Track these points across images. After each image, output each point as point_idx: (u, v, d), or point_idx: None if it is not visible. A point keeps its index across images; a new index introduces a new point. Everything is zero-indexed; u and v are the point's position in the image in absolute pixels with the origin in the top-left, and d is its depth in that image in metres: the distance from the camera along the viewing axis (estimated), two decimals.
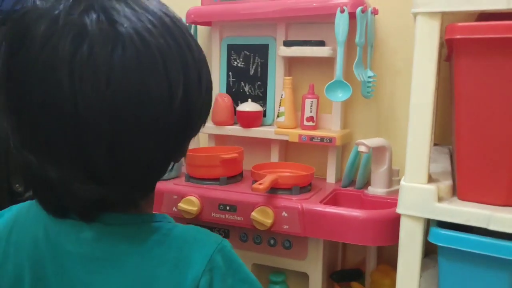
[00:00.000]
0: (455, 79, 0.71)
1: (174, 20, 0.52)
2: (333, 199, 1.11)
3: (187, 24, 1.28)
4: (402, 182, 0.74)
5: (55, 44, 0.44)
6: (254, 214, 1.00)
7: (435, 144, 1.15)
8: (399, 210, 0.75)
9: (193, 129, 0.55)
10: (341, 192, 1.14)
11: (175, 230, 0.55)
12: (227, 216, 1.05)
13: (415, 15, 0.71)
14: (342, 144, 1.19)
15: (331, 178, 1.22)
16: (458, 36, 0.68)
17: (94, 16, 0.45)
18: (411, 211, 0.73)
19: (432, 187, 0.72)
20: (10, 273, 0.55)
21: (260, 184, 0.99)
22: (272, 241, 1.07)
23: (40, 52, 0.44)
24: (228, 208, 1.05)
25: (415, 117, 0.72)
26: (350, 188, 1.15)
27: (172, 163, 0.56)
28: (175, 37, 0.50)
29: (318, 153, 1.25)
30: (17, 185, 1.26)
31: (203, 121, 0.57)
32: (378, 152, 1.06)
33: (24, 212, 0.58)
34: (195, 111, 0.53)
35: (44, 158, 0.47)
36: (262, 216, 1.00)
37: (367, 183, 1.13)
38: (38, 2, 0.47)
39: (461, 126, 0.72)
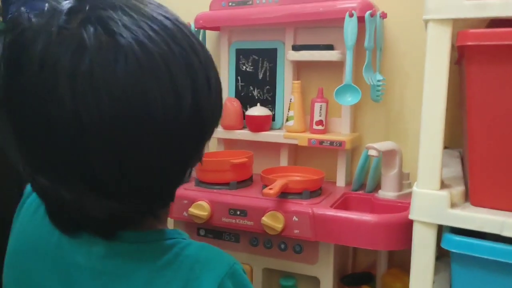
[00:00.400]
0: (467, 86, 0.71)
1: (175, 22, 0.49)
2: (344, 203, 1.11)
3: (195, 29, 1.29)
4: (414, 188, 0.74)
5: (54, 63, 0.43)
6: (265, 219, 1.00)
7: (445, 147, 1.15)
8: (412, 216, 0.75)
9: (207, 133, 0.53)
10: (351, 196, 1.15)
11: (188, 249, 0.54)
12: (237, 220, 1.06)
13: (426, 21, 0.71)
14: (352, 147, 1.19)
15: (341, 181, 1.22)
16: (470, 43, 0.68)
17: (91, 29, 0.43)
18: (424, 217, 0.73)
19: (444, 193, 0.72)
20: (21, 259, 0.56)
21: (270, 189, 1.00)
22: (282, 246, 1.07)
23: (39, 73, 0.43)
24: (238, 212, 1.05)
25: (427, 123, 0.73)
26: (360, 192, 1.15)
27: (189, 169, 0.54)
28: (178, 41, 0.47)
29: (327, 157, 1.25)
30: None
31: (216, 124, 0.55)
32: (388, 155, 1.06)
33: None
34: (207, 114, 0.51)
35: (56, 180, 0.46)
36: (273, 221, 1.00)
37: (377, 187, 1.13)
38: (33, 20, 0.45)
39: (473, 132, 0.72)
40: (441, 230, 0.75)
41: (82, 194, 0.46)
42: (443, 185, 0.75)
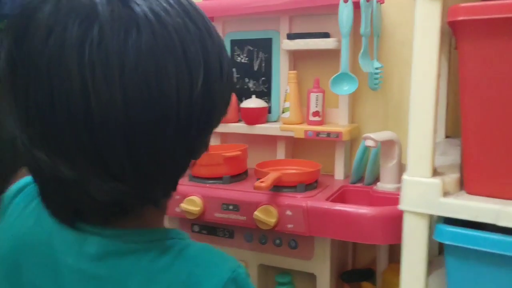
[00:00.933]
0: (459, 65, 0.66)
1: (191, 3, 0.48)
2: (341, 196, 1.06)
3: None
4: (404, 176, 0.70)
5: (62, 30, 0.40)
6: (257, 214, 0.97)
7: (447, 137, 1.10)
8: (402, 206, 0.70)
9: (215, 119, 0.50)
10: (349, 188, 1.10)
11: (187, 251, 0.50)
12: (230, 216, 1.02)
13: None
14: (350, 139, 1.15)
15: (339, 174, 1.17)
16: (461, 18, 0.63)
17: None
18: (415, 207, 0.68)
19: (436, 181, 0.67)
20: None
21: (262, 182, 0.96)
22: (277, 241, 1.03)
23: (46, 40, 0.40)
24: (231, 207, 1.02)
25: (416, 107, 0.68)
26: (358, 185, 1.11)
27: (192, 160, 0.51)
28: (193, 19, 0.45)
29: (325, 149, 1.21)
30: None
31: (225, 111, 0.52)
32: (386, 146, 1.01)
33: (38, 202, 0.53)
34: (217, 95, 0.48)
35: (56, 156, 0.43)
36: (265, 215, 0.96)
37: (376, 179, 1.08)
38: None
39: (467, 115, 0.67)
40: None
41: (84, 171, 0.43)
42: (436, 173, 0.70)
